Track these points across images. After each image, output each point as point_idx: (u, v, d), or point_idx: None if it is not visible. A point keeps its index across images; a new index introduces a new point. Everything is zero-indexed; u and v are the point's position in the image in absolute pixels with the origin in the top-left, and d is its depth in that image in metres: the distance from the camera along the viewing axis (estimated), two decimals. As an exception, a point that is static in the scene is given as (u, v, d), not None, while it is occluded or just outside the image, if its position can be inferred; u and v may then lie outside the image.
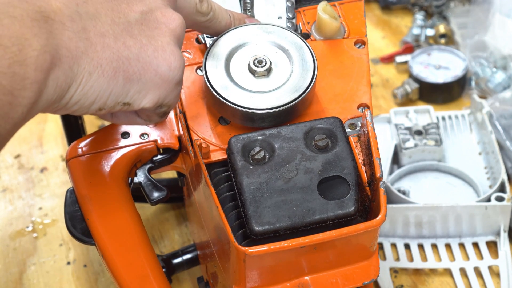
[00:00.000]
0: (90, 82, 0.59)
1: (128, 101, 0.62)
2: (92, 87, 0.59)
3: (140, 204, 0.86)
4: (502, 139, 1.00)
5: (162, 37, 0.63)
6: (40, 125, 1.13)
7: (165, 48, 0.63)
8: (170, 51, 0.63)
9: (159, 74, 0.62)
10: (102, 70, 0.59)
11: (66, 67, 0.57)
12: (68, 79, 0.57)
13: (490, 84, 1.10)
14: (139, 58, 0.61)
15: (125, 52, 0.60)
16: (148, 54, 0.62)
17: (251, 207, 0.65)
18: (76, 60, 0.57)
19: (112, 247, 0.74)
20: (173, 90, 0.65)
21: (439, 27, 1.20)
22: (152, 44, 0.62)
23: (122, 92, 0.61)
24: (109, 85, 0.60)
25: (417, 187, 0.99)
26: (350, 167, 0.67)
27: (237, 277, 0.67)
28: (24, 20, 0.54)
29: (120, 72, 0.60)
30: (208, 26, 0.72)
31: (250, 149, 0.68)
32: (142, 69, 0.61)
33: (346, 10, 0.80)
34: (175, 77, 0.64)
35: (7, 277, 0.94)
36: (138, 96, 0.62)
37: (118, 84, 0.60)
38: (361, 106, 0.73)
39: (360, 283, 0.69)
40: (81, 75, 0.58)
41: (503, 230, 0.93)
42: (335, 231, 0.64)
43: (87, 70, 0.58)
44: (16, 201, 1.03)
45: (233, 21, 0.74)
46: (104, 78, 0.59)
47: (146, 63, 0.61)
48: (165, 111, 0.67)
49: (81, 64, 0.58)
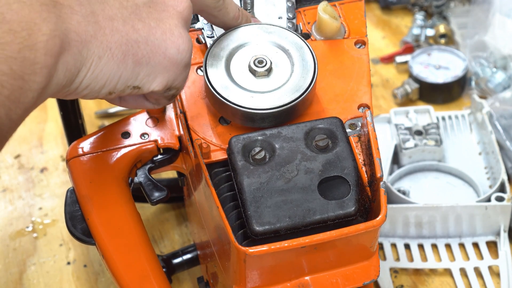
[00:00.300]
0: (100, 66, 0.59)
1: (138, 84, 0.62)
2: (102, 70, 0.59)
3: (140, 204, 0.86)
4: (502, 139, 1.00)
5: (170, 19, 0.63)
6: (40, 125, 1.13)
7: (173, 31, 0.63)
8: (178, 33, 0.63)
9: (167, 57, 0.62)
10: (111, 53, 0.59)
11: (76, 51, 0.57)
12: (77, 63, 0.57)
13: (490, 84, 1.10)
14: (147, 41, 0.61)
15: (134, 36, 0.60)
16: (157, 37, 0.62)
17: (252, 207, 0.65)
18: (86, 44, 0.57)
19: (112, 247, 0.74)
20: (182, 73, 0.65)
21: (439, 27, 1.20)
22: (160, 27, 0.62)
23: (132, 76, 0.61)
24: (119, 68, 0.60)
25: (417, 187, 0.99)
26: (350, 167, 0.67)
27: (238, 277, 0.67)
28: (33, 4, 0.54)
29: (130, 56, 0.60)
30: (217, 15, 0.72)
31: (251, 149, 0.68)
32: (151, 52, 0.61)
33: (347, 10, 0.80)
34: (183, 59, 0.64)
35: (7, 277, 0.94)
36: (147, 80, 0.63)
37: (128, 68, 0.61)
38: (362, 106, 0.73)
39: (360, 283, 0.69)
40: (91, 59, 0.58)
41: (503, 230, 0.93)
42: (335, 231, 0.64)
43: (97, 54, 0.58)
44: (16, 201, 1.03)
45: (241, 16, 0.74)
46: (114, 61, 0.59)
47: (155, 46, 0.62)
48: (173, 93, 0.67)
49: (90, 48, 0.58)
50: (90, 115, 1.13)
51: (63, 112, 0.91)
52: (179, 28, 0.63)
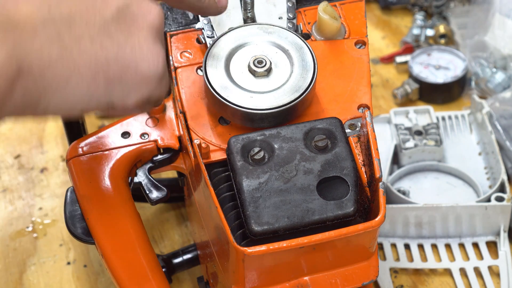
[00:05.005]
0: (68, 88, 0.57)
1: (111, 102, 0.61)
2: (71, 92, 0.58)
3: (140, 204, 0.86)
4: (502, 139, 1.00)
5: (139, 32, 0.61)
6: (40, 125, 1.13)
7: (142, 45, 0.61)
8: (147, 48, 0.61)
9: (139, 73, 0.61)
10: (80, 74, 0.58)
11: (37, 74, 0.55)
12: (39, 86, 0.56)
13: (490, 84, 1.10)
14: (117, 58, 0.59)
15: (103, 54, 0.59)
16: (126, 54, 0.60)
17: (250, 207, 0.65)
18: (49, 68, 0.56)
19: (112, 246, 0.74)
20: (158, 86, 0.63)
21: (439, 27, 1.20)
22: (129, 43, 0.60)
23: (105, 94, 0.60)
24: (89, 88, 0.59)
25: (417, 187, 0.99)
26: (349, 167, 0.67)
27: (237, 277, 0.67)
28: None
29: (100, 75, 0.59)
30: (181, 0, 0.69)
31: (250, 149, 0.68)
32: (121, 69, 0.60)
33: (347, 11, 0.80)
34: (156, 73, 0.62)
35: (7, 277, 0.94)
36: (121, 97, 0.61)
37: (100, 87, 0.59)
38: (361, 106, 0.73)
39: (360, 284, 0.69)
40: (56, 81, 0.57)
41: (503, 230, 0.93)
42: (334, 231, 0.64)
43: (63, 76, 0.57)
44: (16, 201, 1.03)
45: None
46: (83, 82, 0.58)
47: (125, 63, 0.60)
48: (155, 102, 0.65)
49: (55, 70, 0.56)
50: (90, 115, 1.13)
51: (63, 112, 0.91)
52: (148, 41, 0.61)
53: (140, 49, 0.61)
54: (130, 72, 0.60)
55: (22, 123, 1.13)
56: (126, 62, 0.60)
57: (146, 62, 0.61)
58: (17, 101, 0.55)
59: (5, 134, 1.12)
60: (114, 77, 0.60)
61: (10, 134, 1.12)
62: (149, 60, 0.61)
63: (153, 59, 0.61)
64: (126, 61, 0.60)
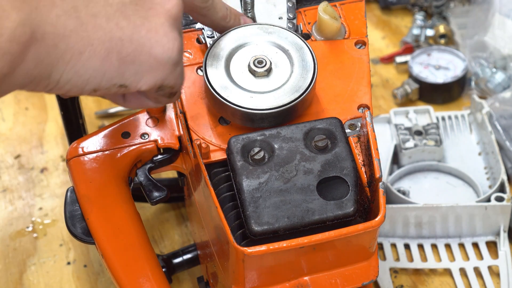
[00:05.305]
0: (81, 61, 0.59)
1: (124, 83, 0.62)
2: (84, 66, 0.59)
3: (140, 204, 0.86)
4: (502, 139, 1.00)
5: (156, 17, 0.62)
6: (40, 125, 1.13)
7: (158, 29, 0.62)
8: (163, 32, 0.62)
9: (153, 55, 0.62)
10: (93, 49, 0.59)
11: (51, 43, 0.57)
12: (52, 56, 0.57)
13: (490, 84, 1.10)
14: (132, 39, 0.60)
15: (118, 33, 0.60)
16: (142, 35, 0.61)
17: (250, 207, 0.65)
18: (63, 38, 0.57)
19: (111, 246, 0.74)
20: (171, 72, 0.64)
21: (439, 28, 1.20)
22: (145, 25, 0.61)
23: (117, 74, 0.61)
24: (102, 65, 0.60)
25: (417, 187, 0.99)
26: (349, 167, 0.67)
27: (236, 277, 0.67)
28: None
29: (114, 53, 0.60)
30: (205, 14, 0.71)
31: (250, 149, 0.68)
32: (136, 50, 0.61)
33: (347, 11, 0.80)
34: (170, 58, 0.63)
35: (7, 277, 0.94)
36: (134, 78, 0.62)
37: (113, 65, 0.60)
38: (361, 106, 0.73)
39: (359, 284, 0.69)
40: (70, 53, 0.58)
41: (503, 230, 0.93)
42: (334, 231, 0.64)
43: (77, 48, 0.58)
44: (16, 201, 1.03)
45: (229, 15, 0.73)
46: (97, 58, 0.59)
47: (140, 45, 0.61)
48: (170, 92, 0.66)
49: (69, 42, 0.58)
50: (90, 115, 1.13)
51: (64, 111, 0.91)
52: (165, 27, 0.62)
53: (155, 33, 0.62)
54: (144, 53, 0.61)
55: (22, 123, 1.13)
56: (140, 44, 0.61)
57: (160, 46, 0.62)
58: (29, 68, 0.56)
59: (5, 134, 1.12)
60: (127, 57, 0.61)
61: (10, 134, 1.12)
62: (164, 44, 0.62)
63: (168, 44, 0.62)
64: (140, 43, 0.61)
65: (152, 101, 0.68)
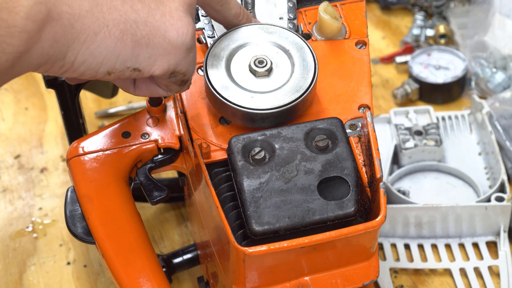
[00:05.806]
0: (96, 42, 0.59)
1: (138, 66, 0.63)
2: (99, 47, 0.60)
3: (140, 204, 0.86)
4: (502, 139, 1.00)
5: (171, 2, 0.63)
6: (40, 125, 1.13)
7: (173, 13, 0.63)
8: (177, 17, 0.63)
9: (167, 39, 0.62)
10: (108, 31, 0.60)
11: (67, 23, 0.57)
12: (68, 36, 0.58)
13: (490, 85, 1.10)
14: (146, 22, 0.61)
15: (132, 15, 0.61)
16: (156, 19, 0.62)
17: (251, 207, 0.65)
18: (79, 18, 0.58)
19: (112, 246, 0.74)
20: (185, 57, 0.64)
21: (439, 28, 1.20)
22: (160, 9, 0.62)
23: (131, 56, 0.62)
24: (116, 47, 0.60)
25: (417, 187, 0.99)
26: (350, 167, 0.67)
27: (237, 277, 0.67)
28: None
29: (128, 35, 0.61)
30: (219, 10, 0.72)
31: (251, 149, 0.68)
32: (150, 33, 0.62)
33: (347, 11, 0.80)
34: (184, 42, 0.63)
35: (7, 277, 0.94)
36: (148, 62, 0.63)
37: (127, 48, 0.61)
38: (362, 106, 0.73)
39: (360, 284, 0.69)
40: (85, 34, 0.59)
41: (503, 230, 0.93)
42: (335, 231, 0.64)
43: (92, 29, 0.59)
44: (16, 201, 1.03)
45: (242, 14, 0.74)
46: (111, 39, 0.60)
47: (154, 28, 0.62)
48: (181, 79, 0.66)
49: (85, 22, 0.58)
50: (90, 115, 1.13)
51: (64, 111, 0.91)
52: (179, 12, 0.63)
53: (170, 17, 0.63)
54: (158, 37, 0.62)
55: (22, 123, 1.13)
56: (155, 27, 0.62)
57: (175, 30, 0.63)
58: (45, 48, 0.57)
59: (5, 134, 1.12)
60: (142, 39, 0.61)
61: (10, 134, 1.12)
62: (178, 29, 0.63)
63: (182, 28, 0.63)
64: (155, 26, 0.62)
65: (162, 89, 0.68)
